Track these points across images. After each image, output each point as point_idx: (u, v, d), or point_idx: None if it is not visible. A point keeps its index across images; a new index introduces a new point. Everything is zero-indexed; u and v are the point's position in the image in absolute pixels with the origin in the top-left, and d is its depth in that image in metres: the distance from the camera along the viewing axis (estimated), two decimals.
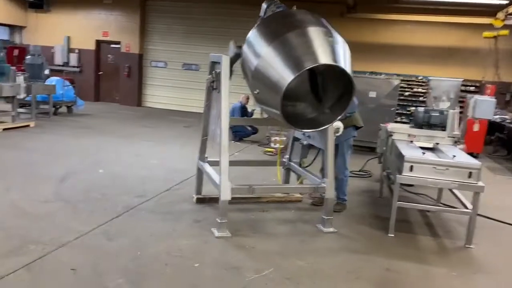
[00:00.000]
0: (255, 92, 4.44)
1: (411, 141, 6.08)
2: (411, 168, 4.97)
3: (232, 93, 4.98)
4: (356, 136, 6.12)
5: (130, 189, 6.24)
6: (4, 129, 9.90)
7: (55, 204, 5.43)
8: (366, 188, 7.40)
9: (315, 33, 4.33)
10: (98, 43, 17.17)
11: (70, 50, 17.38)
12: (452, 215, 5.87)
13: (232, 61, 4.96)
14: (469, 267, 4.63)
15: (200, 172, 5.83)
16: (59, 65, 17.22)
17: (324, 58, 4.18)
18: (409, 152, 5.20)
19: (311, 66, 4.09)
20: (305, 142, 5.86)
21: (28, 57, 12.08)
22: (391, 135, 6.22)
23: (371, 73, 12.86)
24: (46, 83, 12.20)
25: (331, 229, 5.19)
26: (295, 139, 6.09)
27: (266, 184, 6.34)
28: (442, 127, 6.25)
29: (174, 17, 16.25)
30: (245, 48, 4.69)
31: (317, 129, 4.63)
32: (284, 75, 4.09)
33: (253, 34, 4.64)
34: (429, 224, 5.76)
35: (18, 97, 11.25)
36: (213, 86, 5.07)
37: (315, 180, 5.41)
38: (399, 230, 5.28)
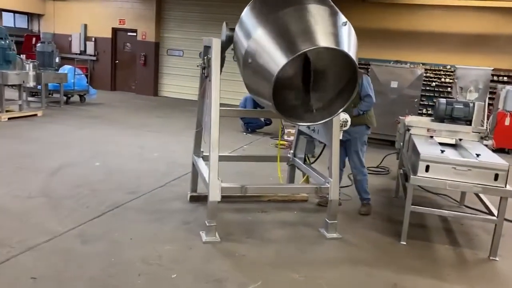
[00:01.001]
0: (246, 79, 3.92)
1: (431, 137, 5.44)
2: (427, 168, 4.35)
3: (232, 81, 4.45)
4: (369, 133, 5.55)
5: (123, 184, 5.82)
6: (10, 118, 9.67)
7: (37, 200, 5.05)
8: (382, 187, 6.77)
9: (316, 11, 3.75)
10: (115, 31, 16.87)
11: (87, 38, 17.16)
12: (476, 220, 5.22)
13: (224, 45, 4.43)
14: (492, 284, 4.00)
15: (195, 168, 5.35)
16: (76, 54, 17.05)
17: (324, 40, 3.60)
18: (426, 150, 4.57)
19: (307, 49, 3.52)
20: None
21: (39, 44, 11.80)
22: (409, 129, 5.57)
23: (395, 62, 12.05)
24: (57, 72, 11.92)
25: (335, 235, 4.63)
26: (300, 132, 5.53)
27: (262, 184, 5.70)
28: (467, 121, 5.55)
29: (191, 3, 15.74)
30: (237, 28, 4.15)
31: (316, 123, 4.05)
32: (276, 59, 3.54)
33: (246, 12, 4.10)
34: (448, 230, 5.12)
35: (28, 85, 11.11)
36: (205, 74, 4.55)
37: (320, 179, 4.84)
38: (413, 237, 4.68)
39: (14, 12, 17.25)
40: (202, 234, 4.35)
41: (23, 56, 11.94)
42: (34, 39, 16.47)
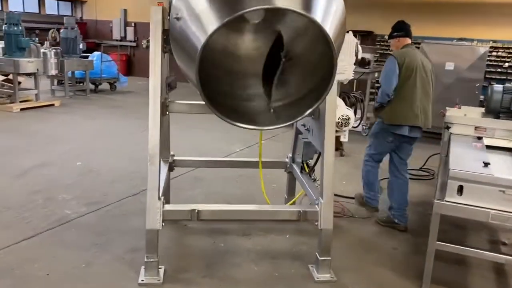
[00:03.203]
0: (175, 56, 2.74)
1: (479, 138, 3.92)
2: (461, 190, 2.92)
3: None
4: (385, 128, 4.23)
5: (90, 191, 4.87)
6: (23, 109, 9.14)
7: None
8: (420, 197, 5.30)
9: None
10: None
11: (127, 24, 16.60)
12: None
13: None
14: None
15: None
16: (116, 40, 16.57)
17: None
18: (461, 161, 3.12)
19: (250, 10, 2.25)
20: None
21: (62, 30, 11.23)
22: (448, 127, 4.09)
23: (459, 39, 10.16)
24: (82, 58, 11.32)
25: (328, 276, 3.34)
26: (297, 131, 4.23)
27: (224, 204, 4.45)
28: None
29: None
30: None
31: (266, 127, 2.74)
32: (205, 22, 2.32)
33: None
34: (499, 272, 3.64)
35: (50, 74, 10.61)
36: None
37: (313, 197, 3.55)
38: (441, 282, 3.28)
39: None
40: (142, 270, 3.26)
41: (46, 44, 11.50)
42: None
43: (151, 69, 3.13)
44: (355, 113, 4.16)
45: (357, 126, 7.90)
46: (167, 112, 3.43)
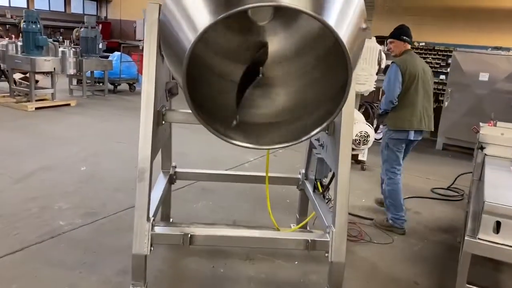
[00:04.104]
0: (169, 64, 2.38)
1: None
2: (498, 227, 2.47)
3: None
4: (394, 137, 4.30)
5: (89, 200, 4.58)
6: (38, 108, 8.99)
7: None
8: (446, 221, 4.82)
9: None
10: None
11: None
12: None
13: None
14: None
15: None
16: (139, 40, 16.45)
17: None
18: (498, 192, 2.67)
19: (248, 7, 1.87)
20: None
21: (82, 29, 11.09)
22: (482, 148, 3.62)
23: (495, 48, 9.54)
24: (101, 58, 11.16)
25: None
26: (311, 145, 3.82)
27: (221, 228, 3.41)
28: None
29: None
30: None
31: (260, 146, 2.31)
32: (196, 19, 1.95)
33: None
34: None
35: (68, 73, 10.49)
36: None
37: (325, 223, 3.13)
38: None
39: None
40: None
41: (66, 42, 11.40)
42: (100, 25, 16.16)
43: (144, 74, 2.77)
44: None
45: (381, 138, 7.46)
46: (163, 122, 3.07)
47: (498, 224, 2.46)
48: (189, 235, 2.78)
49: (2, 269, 3.23)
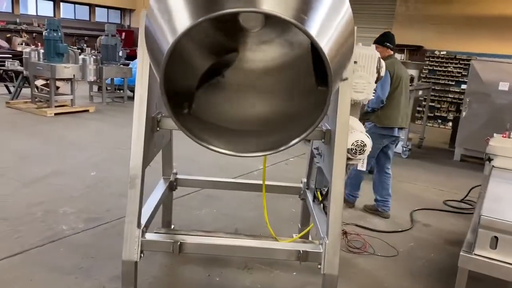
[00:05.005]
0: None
1: None
2: (495, 242, 2.36)
3: None
4: (383, 133, 4.79)
5: (93, 205, 4.62)
6: (57, 114, 9.19)
7: None
8: (456, 234, 4.66)
9: None
10: None
11: None
12: None
13: None
14: None
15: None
16: None
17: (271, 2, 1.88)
18: (499, 206, 2.55)
19: (228, 11, 1.83)
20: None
21: (103, 37, 11.31)
22: (490, 160, 3.49)
23: None
24: (120, 66, 11.35)
25: None
26: (313, 154, 3.75)
27: (213, 237, 3.50)
28: None
29: None
30: None
31: (240, 154, 2.25)
32: (177, 23, 1.93)
33: None
34: None
35: (88, 80, 10.71)
36: None
37: (321, 234, 3.06)
38: None
39: (108, 7, 17.50)
40: None
41: (87, 50, 11.63)
42: (123, 34, 16.47)
43: (137, 79, 2.78)
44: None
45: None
46: (158, 129, 3.06)
47: (495, 239, 2.35)
48: (179, 243, 2.75)
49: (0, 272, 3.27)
